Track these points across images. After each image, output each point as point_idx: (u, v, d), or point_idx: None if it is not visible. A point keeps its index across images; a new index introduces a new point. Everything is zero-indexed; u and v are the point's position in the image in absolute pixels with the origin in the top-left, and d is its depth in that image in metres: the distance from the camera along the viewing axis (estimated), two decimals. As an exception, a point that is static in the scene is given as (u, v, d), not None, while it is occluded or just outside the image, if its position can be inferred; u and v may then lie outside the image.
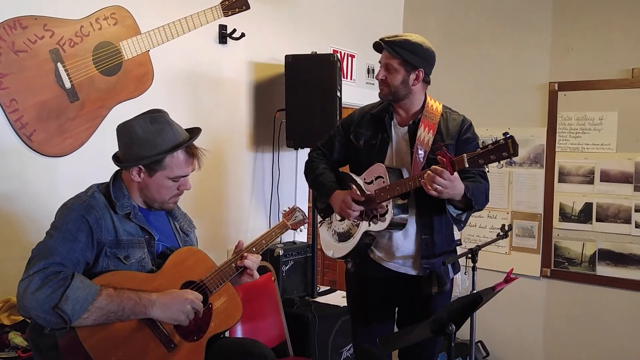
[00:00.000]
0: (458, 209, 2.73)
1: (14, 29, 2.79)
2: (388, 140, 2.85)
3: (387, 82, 2.78)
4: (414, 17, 5.45)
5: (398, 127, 2.87)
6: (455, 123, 2.85)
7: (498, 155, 2.38)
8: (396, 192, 2.67)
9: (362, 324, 3.01)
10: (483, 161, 2.42)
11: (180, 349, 2.22)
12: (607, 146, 4.48)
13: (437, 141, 2.76)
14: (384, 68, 2.79)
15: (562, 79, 4.65)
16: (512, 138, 2.36)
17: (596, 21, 4.53)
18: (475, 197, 2.66)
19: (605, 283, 4.49)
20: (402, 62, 2.74)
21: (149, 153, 2.24)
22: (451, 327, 2.22)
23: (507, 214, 4.94)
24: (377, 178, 2.76)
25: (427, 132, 2.77)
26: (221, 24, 3.79)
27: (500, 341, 4.92)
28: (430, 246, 2.81)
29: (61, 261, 2.04)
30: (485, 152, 2.41)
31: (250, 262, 2.47)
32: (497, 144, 2.39)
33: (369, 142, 2.88)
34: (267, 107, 4.19)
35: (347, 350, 4.00)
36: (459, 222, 2.80)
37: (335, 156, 3.04)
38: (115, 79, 3.22)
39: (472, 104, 4.98)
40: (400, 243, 2.83)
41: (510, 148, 2.36)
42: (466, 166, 2.45)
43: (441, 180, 2.45)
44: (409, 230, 2.80)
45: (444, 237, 2.86)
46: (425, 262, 2.79)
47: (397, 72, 2.75)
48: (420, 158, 2.74)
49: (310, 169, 3.05)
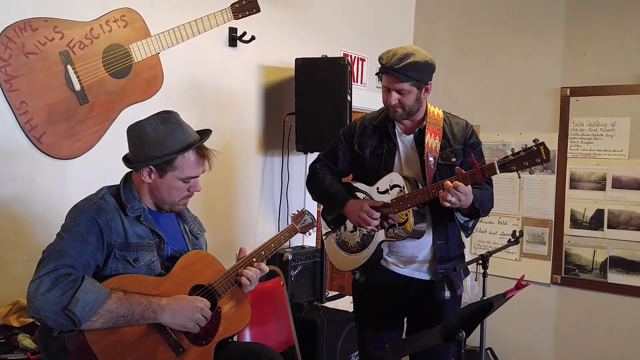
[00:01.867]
0: (465, 216, 2.75)
1: (24, 31, 2.80)
2: (395, 149, 2.84)
3: (401, 104, 2.74)
4: (425, 22, 5.43)
5: (403, 135, 2.85)
6: (459, 127, 2.85)
7: (531, 161, 2.41)
8: (417, 200, 2.65)
9: (371, 332, 2.98)
10: (515, 168, 2.43)
11: (188, 354, 2.20)
12: (620, 152, 4.44)
13: (444, 147, 2.77)
14: (397, 92, 2.72)
15: (574, 84, 4.63)
16: (544, 144, 2.40)
17: (609, 26, 4.50)
18: (483, 206, 2.68)
19: (617, 291, 4.45)
20: (414, 83, 2.70)
21: (159, 153, 2.23)
22: (461, 334, 2.21)
23: (517, 220, 4.91)
24: (392, 187, 2.74)
25: (433, 139, 2.76)
26: (231, 27, 3.78)
27: (510, 349, 4.88)
28: (445, 251, 2.81)
29: (72, 263, 2.02)
30: (518, 158, 2.44)
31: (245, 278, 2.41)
32: (529, 150, 2.40)
33: (375, 152, 2.86)
34: (276, 111, 4.18)
35: (356, 355, 3.97)
36: (467, 228, 2.82)
37: (339, 167, 3.01)
38: (125, 82, 3.21)
39: (484, 109, 4.97)
40: (416, 249, 2.82)
41: (542, 154, 2.39)
42: (497, 173, 2.47)
43: (459, 193, 2.46)
44: (424, 237, 2.78)
45: (456, 242, 2.87)
46: (441, 267, 2.79)
47: (410, 93, 2.72)
48: (431, 165, 2.72)
49: (315, 182, 3.01)
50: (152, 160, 2.23)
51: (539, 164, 2.41)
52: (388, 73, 2.71)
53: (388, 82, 2.74)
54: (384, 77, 2.76)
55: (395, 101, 2.73)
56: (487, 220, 4.99)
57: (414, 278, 2.83)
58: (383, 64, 2.72)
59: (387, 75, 2.72)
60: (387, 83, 2.74)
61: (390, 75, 2.70)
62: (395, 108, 2.75)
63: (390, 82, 2.72)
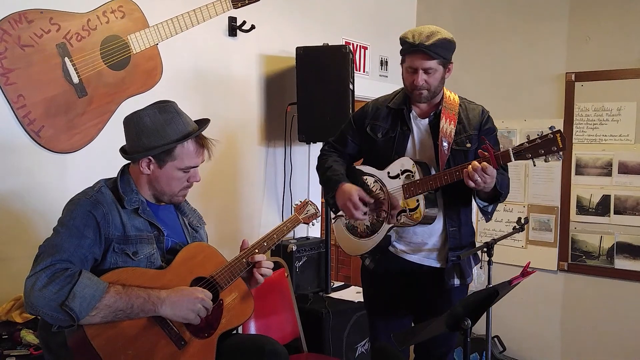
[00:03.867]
0: (484, 200, 2.72)
1: (20, 23, 2.76)
2: (409, 133, 2.80)
3: (427, 85, 2.68)
4: (428, 8, 5.39)
5: (418, 119, 2.81)
6: (475, 113, 2.81)
7: (547, 149, 2.38)
8: (429, 186, 2.62)
9: (381, 319, 2.96)
10: (531, 155, 2.40)
11: (190, 346, 2.18)
12: (626, 137, 4.40)
13: (460, 132, 2.74)
14: (424, 72, 2.66)
15: (579, 69, 4.58)
16: (560, 132, 2.37)
17: (613, 9, 4.44)
18: (503, 190, 2.66)
19: (624, 276, 4.42)
20: (441, 61, 2.66)
21: (158, 143, 2.20)
22: (467, 322, 2.19)
23: (523, 207, 4.87)
24: (403, 172, 2.71)
25: (448, 124, 2.72)
26: (231, 16, 3.74)
27: (517, 336, 4.86)
28: (458, 238, 2.78)
29: (68, 258, 2.00)
30: (534, 145, 2.41)
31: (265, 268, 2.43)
32: (545, 137, 2.37)
33: (388, 134, 2.82)
34: (278, 101, 4.14)
35: (362, 345, 3.95)
36: (487, 213, 2.79)
37: (348, 150, 2.98)
38: (124, 74, 3.18)
39: (488, 96, 4.89)
40: (426, 236, 2.79)
41: (559, 142, 2.35)
42: (512, 160, 2.44)
43: (486, 175, 2.43)
44: (435, 223, 2.75)
45: (468, 229, 2.86)
46: (453, 255, 2.76)
47: (436, 72, 2.67)
48: (445, 150, 2.69)
49: (320, 164, 3.00)
50: (151, 151, 2.20)
51: (555, 152, 2.36)
52: (417, 51, 2.63)
53: (415, 61, 2.66)
54: (409, 58, 2.69)
55: (423, 81, 2.66)
56: (492, 208, 4.96)
57: (423, 265, 2.80)
58: (411, 42, 2.63)
59: (414, 54, 2.65)
60: (414, 63, 2.66)
61: (418, 53, 2.63)
62: (421, 90, 2.69)
63: (418, 60, 2.65)
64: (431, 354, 2.89)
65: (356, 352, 3.93)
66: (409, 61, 2.69)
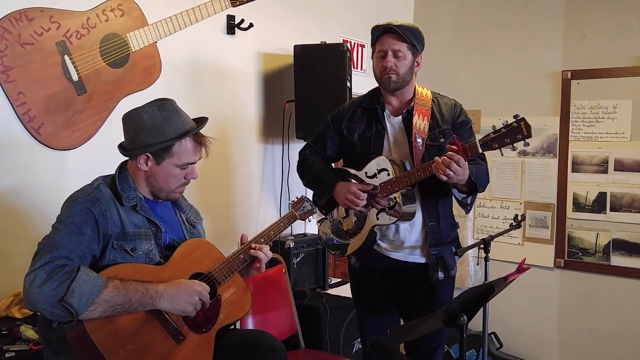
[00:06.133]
0: (462, 192, 2.74)
1: (20, 21, 2.78)
2: (383, 132, 2.83)
3: (395, 69, 2.73)
4: (425, 6, 5.39)
5: (392, 117, 2.85)
6: (447, 107, 2.84)
7: (512, 138, 2.40)
8: (404, 183, 2.66)
9: (369, 317, 2.99)
10: (497, 145, 2.43)
11: (189, 341, 2.20)
12: (622, 135, 4.42)
13: (433, 127, 2.77)
14: (393, 55, 2.72)
15: (575, 67, 4.59)
16: (524, 120, 2.39)
17: (609, 7, 4.45)
18: (480, 180, 2.68)
19: (620, 273, 4.44)
20: (410, 47, 2.72)
21: (156, 140, 2.22)
22: (463, 318, 2.20)
23: (520, 205, 4.89)
24: (380, 171, 2.74)
25: (422, 120, 2.75)
26: (229, 15, 3.76)
27: (514, 332, 4.88)
28: (438, 233, 2.80)
29: (67, 254, 2.02)
30: (499, 135, 2.43)
31: (262, 253, 2.45)
32: (510, 127, 2.39)
33: (364, 135, 2.86)
34: (276, 98, 4.16)
35: (359, 342, 3.97)
36: (465, 205, 2.81)
37: (328, 152, 3.01)
38: (123, 71, 3.20)
39: (484, 94, 4.94)
40: (407, 233, 2.82)
41: (523, 130, 2.38)
42: (479, 152, 2.47)
43: (456, 167, 2.45)
44: (415, 219, 2.79)
45: (448, 223, 2.86)
46: (434, 249, 2.79)
47: (405, 58, 2.73)
48: (420, 146, 2.72)
49: (305, 167, 3.02)
50: (149, 147, 2.22)
51: (520, 140, 2.39)
52: (386, 31, 2.71)
53: (384, 44, 2.73)
54: (378, 42, 2.76)
55: (392, 64, 2.72)
56: (489, 205, 4.98)
57: (408, 262, 2.83)
58: (381, 25, 2.73)
59: (383, 36, 2.73)
60: (383, 45, 2.74)
61: (388, 34, 2.71)
62: (389, 73, 2.74)
63: (388, 42, 2.72)
64: (421, 349, 2.91)
65: (353, 348, 3.96)
66: (379, 45, 2.77)
